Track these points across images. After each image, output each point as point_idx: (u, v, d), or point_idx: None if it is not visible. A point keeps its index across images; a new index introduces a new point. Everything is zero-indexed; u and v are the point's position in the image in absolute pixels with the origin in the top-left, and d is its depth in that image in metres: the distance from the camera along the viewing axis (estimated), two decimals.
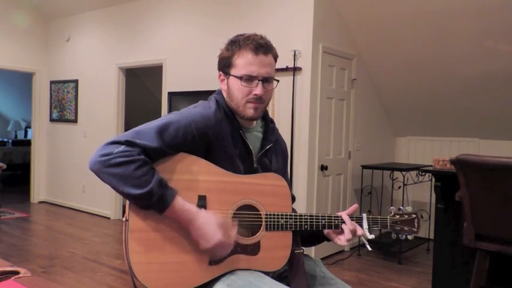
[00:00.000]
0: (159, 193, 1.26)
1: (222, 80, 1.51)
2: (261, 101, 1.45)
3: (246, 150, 1.49)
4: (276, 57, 1.51)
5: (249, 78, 1.43)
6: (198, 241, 1.31)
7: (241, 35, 1.47)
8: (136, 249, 1.29)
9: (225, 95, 1.50)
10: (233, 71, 1.45)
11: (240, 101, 1.45)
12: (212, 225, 1.30)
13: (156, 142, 1.30)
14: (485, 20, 3.85)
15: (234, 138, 1.46)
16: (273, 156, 1.58)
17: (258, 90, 1.43)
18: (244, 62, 1.43)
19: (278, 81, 1.52)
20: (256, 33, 1.47)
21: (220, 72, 1.51)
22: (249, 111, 1.45)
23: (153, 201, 1.26)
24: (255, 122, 1.56)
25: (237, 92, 1.44)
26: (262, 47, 1.44)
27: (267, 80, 1.45)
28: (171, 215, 1.30)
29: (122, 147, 1.27)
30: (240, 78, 1.43)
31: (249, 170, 1.48)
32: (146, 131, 1.32)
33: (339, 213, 1.51)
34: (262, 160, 1.53)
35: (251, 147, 1.49)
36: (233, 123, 1.47)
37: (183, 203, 1.30)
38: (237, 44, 1.45)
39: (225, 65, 1.48)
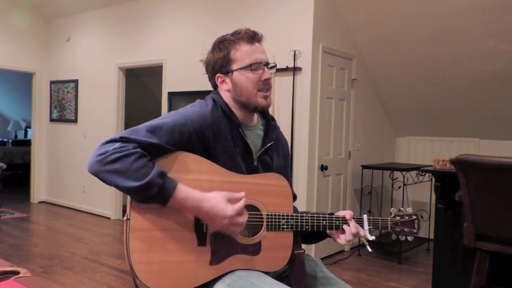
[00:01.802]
0: (160, 183, 1.25)
1: (222, 81, 1.49)
2: (269, 87, 1.49)
3: (246, 147, 1.49)
4: None
5: (256, 66, 1.45)
6: (213, 222, 1.31)
7: (224, 35, 1.50)
8: (138, 248, 1.28)
9: (228, 95, 1.49)
10: (236, 65, 1.45)
11: (251, 91, 1.46)
12: (221, 202, 1.30)
13: (152, 138, 1.30)
14: (485, 19, 3.85)
15: (233, 136, 1.46)
16: (274, 154, 1.58)
17: (267, 74, 1.47)
18: (245, 53, 1.45)
19: (275, 65, 1.58)
20: (240, 28, 1.49)
21: (219, 74, 1.49)
22: (261, 100, 1.47)
23: (154, 193, 1.25)
24: (255, 120, 1.56)
25: (246, 83, 1.46)
26: (255, 35, 1.48)
27: (268, 65, 1.49)
28: (175, 204, 1.29)
29: (118, 144, 1.27)
30: (250, 66, 1.44)
31: (250, 168, 1.48)
32: (141, 129, 1.32)
33: (342, 213, 1.52)
34: (263, 158, 1.53)
35: (251, 145, 1.50)
36: (232, 121, 1.47)
37: (186, 190, 1.29)
38: (227, 41, 1.47)
39: (222, 65, 1.48)
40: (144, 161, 1.26)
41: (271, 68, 1.51)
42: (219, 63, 1.48)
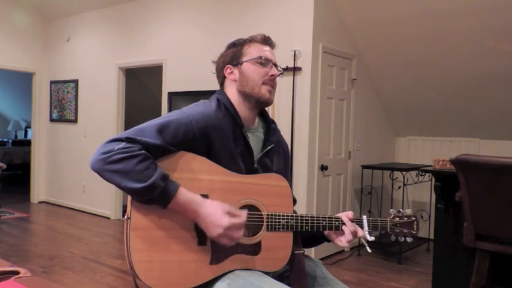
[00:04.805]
0: (162, 186, 1.25)
1: (230, 73, 1.53)
2: (274, 84, 1.54)
3: (247, 149, 1.49)
4: None
5: (265, 60, 1.50)
6: (208, 229, 1.30)
7: (240, 38, 1.57)
8: (138, 247, 1.29)
9: (233, 90, 1.52)
10: (246, 58, 1.51)
11: (256, 82, 1.49)
12: (219, 211, 1.30)
13: (157, 139, 1.30)
14: (485, 20, 3.85)
15: (235, 136, 1.46)
16: (274, 157, 1.58)
17: (273, 71, 1.52)
18: (256, 48, 1.53)
19: (282, 72, 1.60)
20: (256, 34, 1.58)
21: (228, 65, 1.53)
22: (265, 93, 1.50)
23: (156, 195, 1.26)
24: (256, 122, 1.57)
25: (252, 73, 1.49)
26: (269, 39, 1.57)
27: (277, 66, 1.55)
28: (176, 207, 1.30)
29: (123, 144, 1.27)
30: (260, 58, 1.50)
31: (250, 170, 1.48)
32: (147, 129, 1.32)
33: (339, 215, 1.52)
34: (263, 161, 1.53)
35: (252, 146, 1.50)
36: (235, 121, 1.47)
37: (187, 194, 1.30)
38: (242, 40, 1.55)
39: (233, 58, 1.53)
40: (148, 163, 1.27)
41: (280, 74, 1.55)
42: (230, 56, 1.54)
